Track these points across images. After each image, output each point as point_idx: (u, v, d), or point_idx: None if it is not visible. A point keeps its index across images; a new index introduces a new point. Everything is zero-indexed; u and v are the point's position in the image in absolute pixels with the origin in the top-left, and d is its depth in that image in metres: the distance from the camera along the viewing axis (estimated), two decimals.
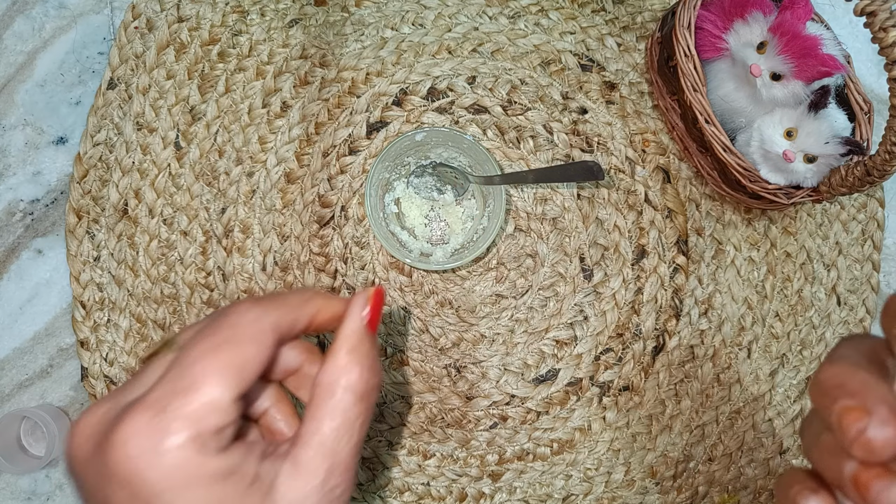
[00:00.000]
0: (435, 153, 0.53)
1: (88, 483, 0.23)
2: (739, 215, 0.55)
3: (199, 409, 0.22)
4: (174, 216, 0.54)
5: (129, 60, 0.55)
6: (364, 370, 0.25)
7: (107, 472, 0.22)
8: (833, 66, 0.44)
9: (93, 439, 0.23)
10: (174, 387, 0.23)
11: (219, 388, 0.23)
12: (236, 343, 0.24)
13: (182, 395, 0.22)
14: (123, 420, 0.22)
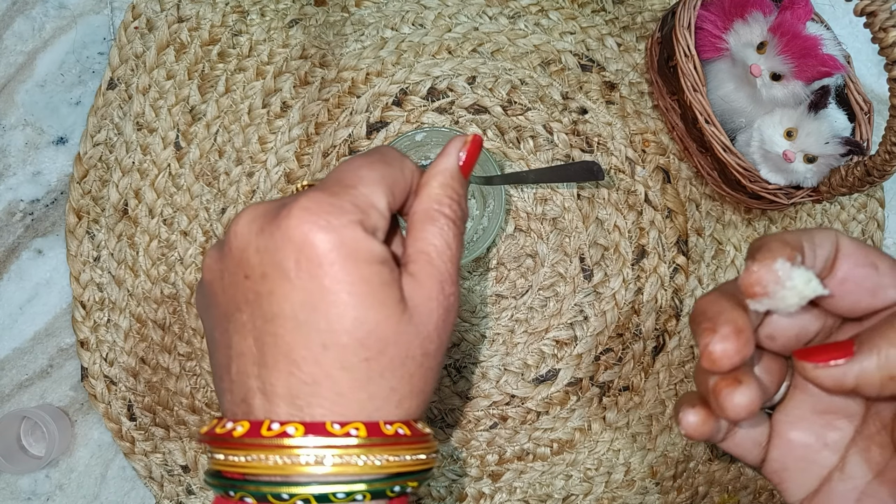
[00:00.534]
0: (435, 153, 0.53)
1: (246, 264, 0.24)
2: (739, 215, 0.55)
3: (364, 203, 0.24)
4: (174, 216, 0.54)
5: (129, 60, 0.55)
6: (454, 200, 0.27)
7: (274, 243, 0.23)
8: (833, 66, 0.44)
9: (257, 221, 0.24)
10: (340, 180, 0.25)
11: (376, 194, 0.25)
12: (388, 164, 0.26)
13: (350, 188, 0.24)
14: (299, 198, 0.24)
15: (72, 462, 0.53)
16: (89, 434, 0.53)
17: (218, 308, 0.25)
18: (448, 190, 0.27)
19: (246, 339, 0.24)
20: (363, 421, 0.23)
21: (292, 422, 0.23)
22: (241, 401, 0.24)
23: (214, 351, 0.26)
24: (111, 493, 0.53)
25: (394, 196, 0.26)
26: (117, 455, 0.53)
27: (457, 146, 0.28)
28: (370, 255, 0.24)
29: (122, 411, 0.52)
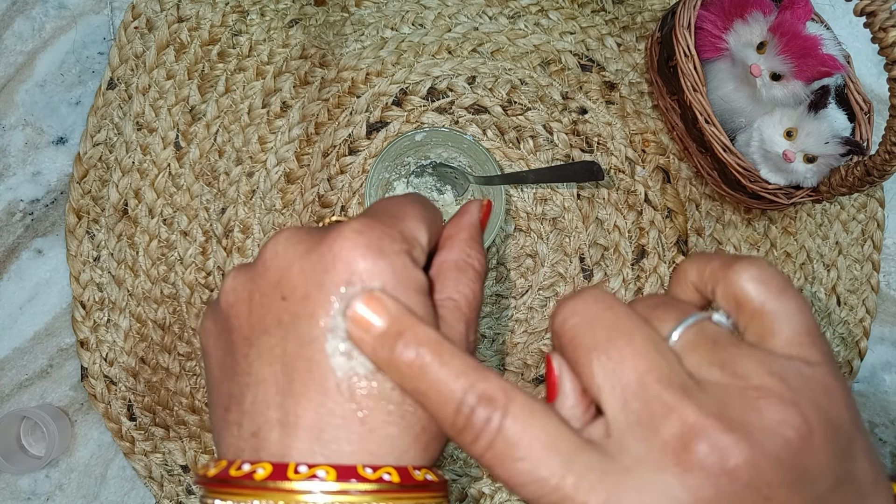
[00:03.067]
0: (435, 153, 0.53)
1: (286, 284, 0.23)
2: (739, 215, 0.55)
3: (409, 235, 0.24)
4: (174, 216, 0.54)
5: (129, 60, 0.55)
6: (481, 255, 0.27)
7: (324, 264, 0.22)
8: (833, 66, 0.44)
9: (303, 243, 0.23)
10: (386, 212, 0.25)
11: (419, 229, 0.25)
12: (426, 207, 0.26)
13: (397, 220, 0.24)
14: (350, 223, 0.23)
15: (72, 462, 0.53)
16: (89, 434, 0.53)
17: (238, 332, 0.24)
18: (475, 244, 0.27)
19: (272, 364, 0.22)
20: (394, 465, 0.22)
21: (322, 464, 0.21)
22: (251, 435, 0.22)
23: (222, 381, 0.24)
24: (111, 493, 0.53)
25: (431, 237, 0.26)
26: (117, 455, 0.53)
27: (477, 206, 0.29)
28: (417, 285, 0.23)
29: (122, 411, 0.52)
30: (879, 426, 0.56)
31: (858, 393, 0.56)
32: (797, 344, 0.20)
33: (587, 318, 0.20)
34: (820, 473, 0.18)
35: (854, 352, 0.56)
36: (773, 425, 0.18)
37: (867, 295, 0.56)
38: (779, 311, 0.20)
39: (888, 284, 0.57)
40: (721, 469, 0.17)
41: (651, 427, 0.18)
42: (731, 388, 0.19)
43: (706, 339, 0.20)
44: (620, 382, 0.19)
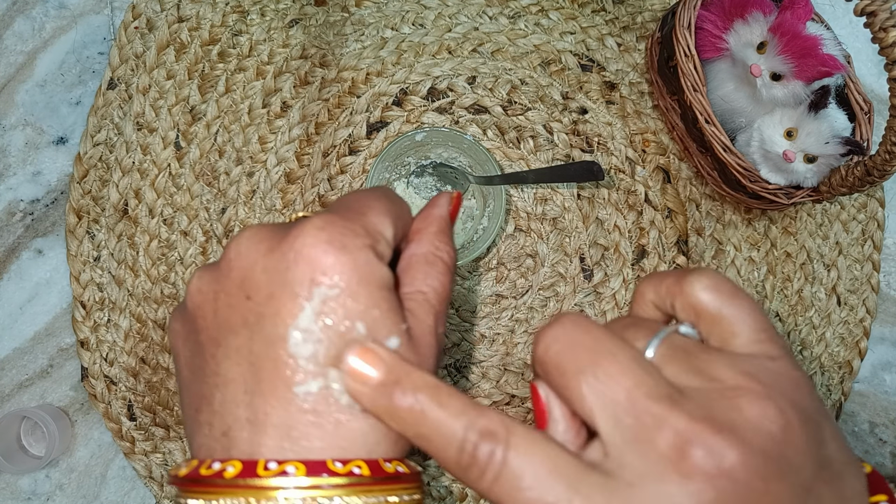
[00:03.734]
0: (435, 153, 0.53)
1: (250, 284, 0.23)
2: (739, 215, 0.55)
3: (374, 230, 0.24)
4: (174, 216, 0.54)
5: (129, 60, 0.55)
6: (450, 248, 0.27)
7: (286, 262, 0.22)
8: (833, 66, 0.44)
9: (265, 241, 0.23)
10: (350, 207, 0.25)
11: (384, 223, 0.25)
12: (392, 200, 0.26)
13: (361, 214, 0.24)
14: (311, 219, 0.23)
15: (72, 462, 0.53)
16: (89, 434, 0.53)
17: (205, 332, 0.24)
18: (444, 237, 0.27)
19: (239, 364, 0.23)
20: (364, 458, 0.22)
21: (291, 460, 0.21)
22: (221, 434, 0.22)
23: (191, 382, 0.24)
24: (111, 493, 0.53)
25: (397, 231, 0.26)
26: (117, 455, 0.53)
27: (446, 198, 0.29)
28: (381, 281, 0.23)
29: (122, 411, 0.52)
30: (879, 426, 0.56)
31: (858, 393, 0.56)
32: (757, 342, 0.21)
33: (569, 344, 0.21)
34: (802, 461, 0.19)
35: (854, 352, 0.56)
36: (756, 421, 0.19)
37: (867, 295, 0.56)
38: (734, 315, 0.22)
39: (888, 284, 0.57)
40: (718, 470, 0.18)
41: (646, 440, 0.19)
42: (710, 391, 0.20)
43: (678, 350, 0.21)
44: (611, 401, 0.20)
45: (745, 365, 0.20)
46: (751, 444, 0.18)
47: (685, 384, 0.20)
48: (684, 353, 0.21)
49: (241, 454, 0.22)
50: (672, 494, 0.18)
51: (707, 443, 0.18)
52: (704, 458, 0.18)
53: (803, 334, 0.55)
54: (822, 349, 0.55)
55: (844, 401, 0.55)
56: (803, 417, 0.20)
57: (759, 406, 0.19)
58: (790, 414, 0.19)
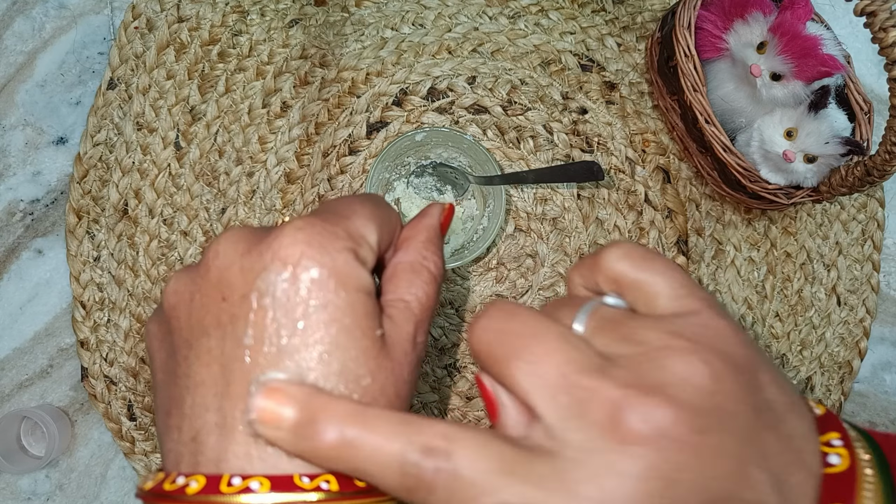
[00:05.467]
0: (435, 153, 0.53)
1: (226, 285, 0.23)
2: (739, 215, 0.55)
3: (356, 234, 0.24)
4: (174, 216, 0.54)
5: (129, 60, 0.55)
6: (438, 258, 0.27)
7: (262, 263, 0.22)
8: (833, 66, 0.44)
9: (243, 242, 0.23)
10: (334, 210, 0.24)
11: (368, 228, 0.24)
12: (379, 206, 0.26)
13: (344, 218, 0.24)
14: (292, 221, 0.23)
15: (72, 462, 0.53)
16: (89, 434, 0.53)
17: (178, 334, 0.23)
18: (432, 246, 0.27)
19: (210, 366, 0.22)
20: (333, 471, 0.21)
21: (256, 475, 0.20)
22: (190, 440, 0.22)
23: (164, 385, 0.24)
24: (111, 493, 0.53)
25: (382, 237, 0.25)
26: (117, 455, 0.53)
27: (438, 209, 0.29)
28: (359, 284, 0.23)
29: (122, 411, 0.52)
30: (879, 426, 0.56)
31: (858, 393, 0.56)
32: (677, 298, 0.22)
33: (497, 332, 0.21)
34: (738, 409, 0.19)
35: (854, 352, 0.56)
36: (683, 377, 0.19)
37: (867, 295, 0.56)
38: (651, 277, 0.22)
39: (888, 284, 0.57)
40: (654, 432, 0.18)
41: (582, 414, 0.19)
42: (638, 356, 0.20)
43: (606, 321, 0.22)
44: (544, 381, 0.20)
45: (668, 325, 0.21)
46: (681, 400, 0.19)
47: (615, 352, 0.20)
48: (612, 322, 0.21)
49: (207, 462, 0.21)
50: (615, 462, 0.18)
51: (638, 407, 0.18)
52: (638, 422, 0.18)
53: (803, 334, 0.55)
54: (822, 349, 0.55)
55: (844, 401, 0.55)
56: (733, 366, 0.20)
57: (684, 362, 0.19)
58: (717, 364, 0.19)
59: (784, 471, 0.19)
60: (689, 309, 0.21)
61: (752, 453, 0.19)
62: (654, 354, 0.20)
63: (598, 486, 0.18)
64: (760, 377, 0.20)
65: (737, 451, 0.19)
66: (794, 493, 0.19)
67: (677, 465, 0.18)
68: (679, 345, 0.20)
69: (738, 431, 0.19)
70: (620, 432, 0.18)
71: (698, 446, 0.18)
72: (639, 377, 0.19)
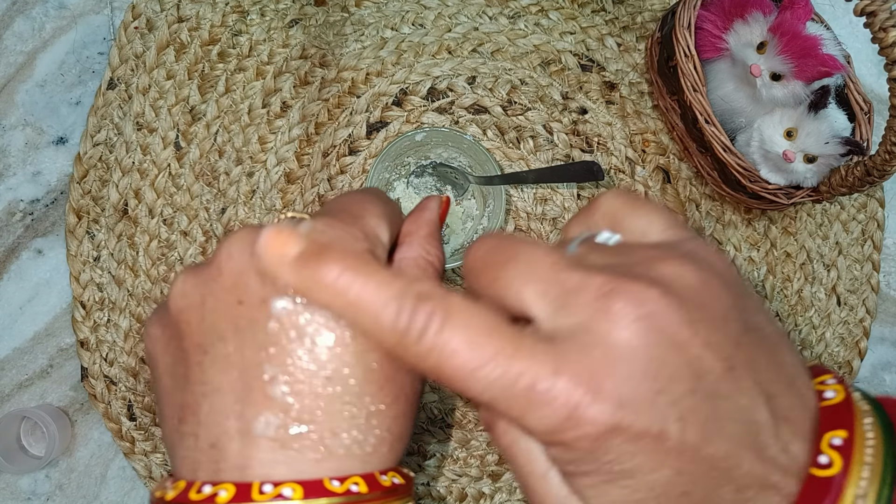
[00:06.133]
0: (435, 153, 0.53)
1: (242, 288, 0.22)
2: (739, 215, 0.55)
3: (371, 234, 0.24)
4: (174, 216, 0.54)
5: (129, 60, 0.55)
6: (440, 252, 0.27)
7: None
8: (833, 66, 0.44)
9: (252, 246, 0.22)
10: (346, 210, 0.24)
11: (381, 227, 0.24)
12: (386, 203, 0.26)
13: (358, 218, 0.24)
14: (314, 220, 0.22)
15: (72, 462, 0.53)
16: (89, 434, 0.53)
17: (189, 338, 0.23)
18: (434, 241, 0.27)
19: (228, 372, 0.22)
20: (360, 474, 0.21)
21: (287, 481, 0.20)
22: (209, 446, 0.21)
23: (174, 391, 0.23)
24: (111, 493, 0.53)
25: (392, 234, 0.25)
26: (117, 455, 0.53)
27: (436, 202, 0.29)
28: (377, 279, 0.22)
29: (122, 411, 0.52)
30: None
31: None
32: (669, 227, 0.22)
33: (494, 245, 0.21)
34: (726, 315, 0.19)
35: (854, 352, 0.56)
36: (673, 276, 0.19)
37: (867, 295, 0.56)
38: (645, 212, 0.23)
39: (888, 284, 0.57)
40: (645, 312, 0.18)
41: (572, 303, 0.19)
42: (629, 263, 0.20)
43: (598, 245, 0.22)
44: (535, 278, 0.20)
45: (661, 244, 0.21)
46: (672, 291, 0.19)
47: (605, 263, 0.21)
48: (603, 247, 0.22)
49: (230, 469, 0.21)
50: (606, 336, 0.18)
51: (628, 290, 0.18)
52: (628, 303, 0.18)
53: (803, 334, 0.55)
54: (822, 349, 0.55)
55: None
56: (723, 280, 0.20)
57: (675, 264, 0.20)
58: (708, 274, 0.20)
59: (775, 391, 0.19)
60: (680, 237, 0.22)
61: (740, 360, 0.19)
62: (644, 261, 0.20)
63: (590, 357, 0.18)
64: (749, 302, 0.20)
65: (725, 352, 0.19)
66: (787, 416, 0.19)
67: (667, 348, 0.18)
68: (670, 254, 0.20)
69: (727, 335, 0.19)
70: (610, 313, 0.18)
71: (688, 335, 0.18)
72: (629, 272, 0.19)
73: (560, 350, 0.18)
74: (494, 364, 0.18)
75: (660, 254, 0.20)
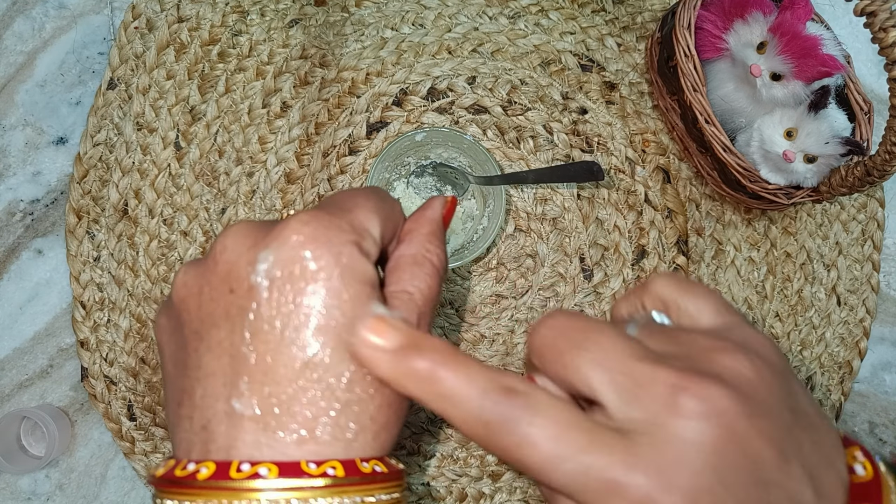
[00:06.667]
0: (435, 153, 0.53)
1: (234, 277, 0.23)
2: (739, 215, 0.55)
3: (360, 227, 0.24)
4: (174, 216, 0.54)
5: (129, 60, 0.55)
6: (441, 250, 0.28)
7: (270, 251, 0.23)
8: (833, 66, 0.44)
9: (251, 236, 0.23)
10: (337, 204, 0.25)
11: (371, 221, 0.25)
12: (382, 199, 0.27)
13: (347, 212, 0.24)
14: (297, 214, 0.23)
15: (72, 462, 0.53)
16: (89, 434, 0.53)
17: (189, 326, 0.24)
18: (435, 239, 0.28)
19: (220, 358, 0.23)
20: (340, 459, 0.22)
21: (264, 461, 0.21)
22: (201, 428, 0.23)
23: (175, 377, 0.24)
24: (111, 493, 0.53)
25: (385, 230, 0.26)
26: (117, 455, 0.53)
27: (440, 201, 0.30)
28: (364, 277, 0.23)
29: (122, 411, 0.52)
30: (879, 426, 0.56)
31: (858, 393, 0.56)
32: (719, 313, 0.24)
33: (562, 329, 0.23)
34: (779, 405, 0.21)
35: (854, 352, 0.56)
36: (733, 369, 0.21)
37: (867, 295, 0.56)
38: (695, 298, 0.25)
39: (888, 284, 0.57)
40: (712, 410, 0.20)
41: (642, 396, 0.20)
42: (689, 353, 0.22)
43: (655, 330, 0.24)
44: (606, 367, 0.21)
45: (715, 332, 0.23)
46: (734, 387, 0.20)
47: (668, 351, 0.22)
48: (660, 331, 0.24)
49: (217, 449, 0.22)
50: (676, 434, 0.20)
51: (695, 388, 0.20)
52: (696, 401, 0.20)
53: (803, 334, 0.55)
54: (822, 349, 0.55)
55: (844, 401, 0.55)
56: (773, 369, 0.22)
57: (732, 357, 0.21)
58: (760, 363, 0.22)
59: (817, 471, 0.21)
60: (730, 322, 0.24)
61: (790, 447, 0.21)
62: (703, 353, 0.22)
63: (661, 453, 0.19)
64: (794, 385, 0.22)
65: (779, 441, 0.20)
66: (827, 492, 0.21)
67: (731, 443, 0.20)
68: (726, 345, 0.22)
69: (780, 424, 0.21)
70: (679, 410, 0.20)
71: (748, 429, 0.20)
72: (693, 367, 0.21)
73: (634, 444, 0.20)
74: (574, 458, 0.20)
75: (717, 345, 0.22)
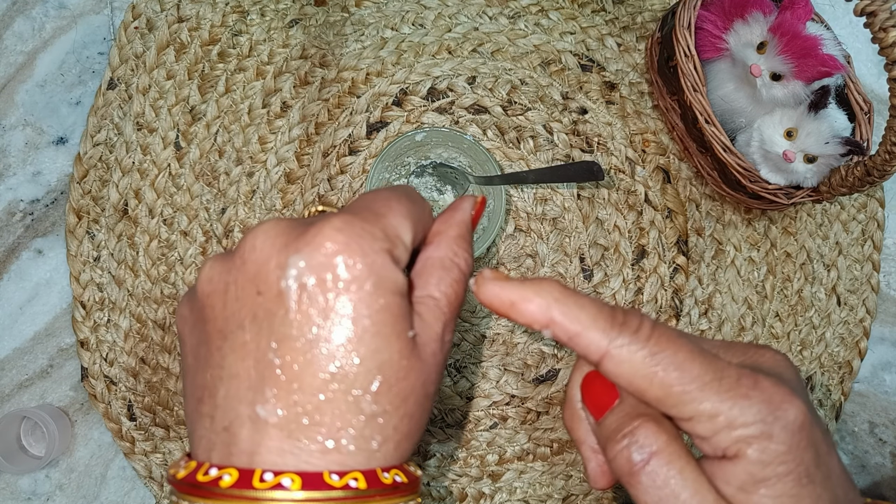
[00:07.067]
0: (435, 153, 0.53)
1: (263, 279, 0.23)
2: (739, 215, 0.55)
3: (392, 233, 0.24)
4: (174, 216, 0.54)
5: (129, 60, 0.55)
6: (468, 254, 0.27)
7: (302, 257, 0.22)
8: (833, 66, 0.44)
9: (282, 237, 0.23)
10: (370, 207, 0.25)
11: (403, 226, 0.25)
12: (414, 202, 0.26)
13: (381, 217, 0.24)
14: (330, 219, 0.23)
15: (72, 462, 0.53)
16: (89, 434, 0.53)
17: (213, 323, 0.24)
18: (463, 242, 0.27)
19: (244, 360, 0.22)
20: (362, 469, 0.22)
21: (287, 472, 0.21)
22: (223, 429, 0.22)
23: (196, 371, 0.24)
24: (111, 493, 0.53)
25: (416, 234, 0.25)
26: (117, 455, 0.53)
27: (469, 202, 0.29)
28: (394, 286, 0.23)
29: (122, 411, 0.52)
30: (879, 426, 0.56)
31: (858, 393, 0.56)
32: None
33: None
34: (820, 457, 0.23)
35: (854, 352, 0.56)
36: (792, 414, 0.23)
37: (867, 295, 0.56)
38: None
39: (888, 284, 0.57)
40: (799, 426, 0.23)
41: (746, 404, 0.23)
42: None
43: None
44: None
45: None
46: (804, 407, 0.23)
47: None
48: None
49: (240, 453, 0.22)
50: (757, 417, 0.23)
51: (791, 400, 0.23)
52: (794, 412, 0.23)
53: (803, 334, 0.55)
54: (822, 349, 0.55)
55: (844, 401, 0.55)
56: (814, 420, 0.24)
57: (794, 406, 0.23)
58: (810, 412, 0.23)
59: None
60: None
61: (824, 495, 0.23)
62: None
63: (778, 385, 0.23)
64: (822, 446, 0.24)
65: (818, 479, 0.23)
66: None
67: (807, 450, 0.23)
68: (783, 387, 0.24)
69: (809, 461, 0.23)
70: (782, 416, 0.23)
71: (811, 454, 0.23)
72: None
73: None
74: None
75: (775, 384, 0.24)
